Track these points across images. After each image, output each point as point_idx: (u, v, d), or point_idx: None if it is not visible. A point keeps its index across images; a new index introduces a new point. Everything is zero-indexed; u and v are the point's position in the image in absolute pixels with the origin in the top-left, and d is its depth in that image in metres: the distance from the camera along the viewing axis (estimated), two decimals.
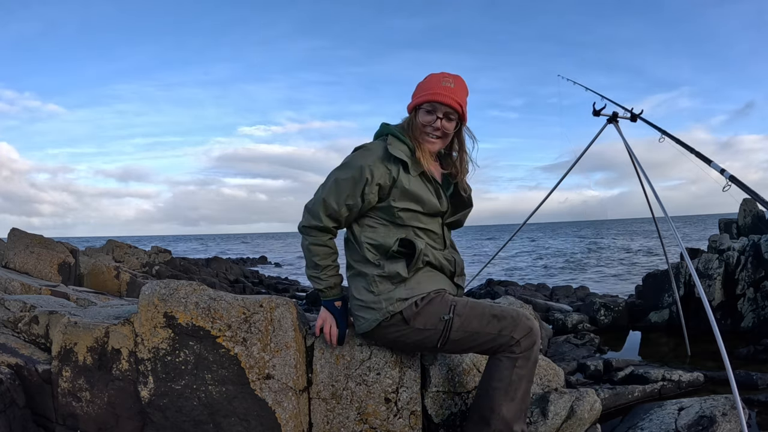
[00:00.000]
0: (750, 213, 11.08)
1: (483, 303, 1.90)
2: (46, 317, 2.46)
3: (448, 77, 1.90)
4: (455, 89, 1.89)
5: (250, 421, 1.96)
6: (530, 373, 1.83)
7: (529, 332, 1.80)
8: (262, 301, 2.04)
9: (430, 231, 1.91)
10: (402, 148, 1.86)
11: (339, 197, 1.83)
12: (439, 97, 1.85)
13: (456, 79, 1.91)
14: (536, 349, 1.83)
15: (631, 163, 3.87)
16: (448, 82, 1.89)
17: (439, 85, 1.88)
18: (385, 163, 1.83)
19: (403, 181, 1.83)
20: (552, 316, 5.89)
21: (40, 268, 6.15)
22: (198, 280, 5.46)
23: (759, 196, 2.31)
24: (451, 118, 1.90)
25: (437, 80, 1.90)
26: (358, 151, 1.90)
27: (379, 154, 1.84)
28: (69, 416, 2.06)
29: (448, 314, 1.80)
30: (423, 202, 1.87)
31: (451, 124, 1.91)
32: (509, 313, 1.83)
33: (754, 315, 4.87)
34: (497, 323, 1.80)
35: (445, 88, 1.87)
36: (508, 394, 1.78)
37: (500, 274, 15.56)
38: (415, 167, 1.86)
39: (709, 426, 2.24)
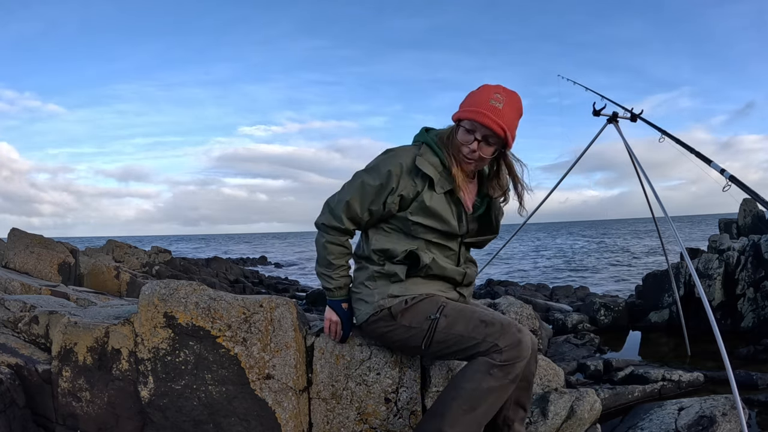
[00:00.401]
0: (750, 213, 11.08)
1: (475, 308, 1.81)
2: (46, 317, 2.46)
3: (499, 95, 1.72)
4: (503, 111, 1.70)
5: (250, 421, 1.96)
6: (503, 390, 1.65)
7: (516, 344, 1.65)
8: (262, 301, 2.04)
9: (443, 246, 1.85)
10: (433, 161, 1.77)
11: (363, 202, 1.78)
12: (480, 117, 1.69)
13: (509, 98, 1.73)
14: (519, 367, 1.65)
15: (631, 163, 3.88)
16: (498, 101, 1.71)
17: (486, 104, 1.70)
18: (412, 175, 1.75)
19: (425, 197, 1.76)
20: (552, 316, 5.89)
21: (40, 268, 6.15)
22: (198, 280, 5.46)
23: (759, 196, 2.31)
24: (490, 142, 1.73)
25: (486, 96, 1.72)
26: (387, 156, 1.80)
27: (407, 164, 1.75)
28: (69, 416, 2.06)
29: (435, 314, 1.76)
30: (441, 221, 1.79)
31: (489, 149, 1.75)
32: (499, 321, 1.71)
33: (754, 315, 4.87)
34: (484, 329, 1.70)
35: (491, 108, 1.69)
36: (467, 401, 1.64)
37: (500, 274, 15.56)
38: (442, 184, 1.77)
39: (709, 426, 2.24)
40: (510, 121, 1.73)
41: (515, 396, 1.83)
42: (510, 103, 1.73)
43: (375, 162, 1.81)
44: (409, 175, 1.75)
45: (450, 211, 1.79)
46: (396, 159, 1.77)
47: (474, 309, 1.79)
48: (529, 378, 1.86)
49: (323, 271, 1.89)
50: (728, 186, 2.49)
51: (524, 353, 1.66)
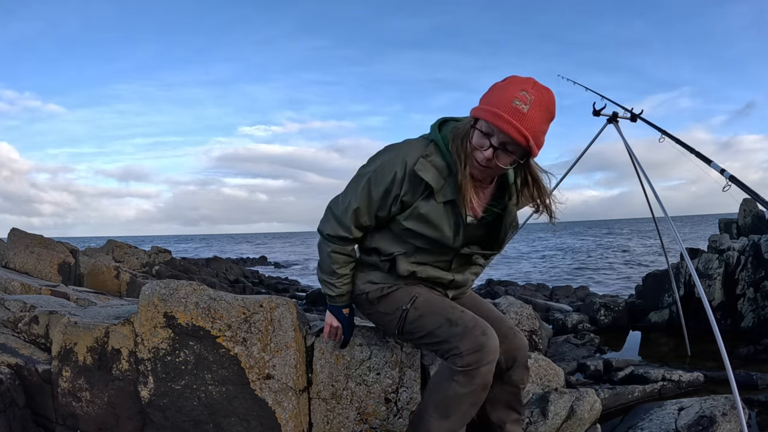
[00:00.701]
0: (750, 213, 11.08)
1: (446, 305, 1.71)
2: (46, 317, 2.46)
3: (527, 93, 1.45)
4: (528, 115, 1.45)
5: (250, 421, 1.96)
6: (474, 395, 1.59)
7: (477, 348, 1.55)
8: (262, 301, 2.04)
9: (434, 252, 1.72)
10: (439, 165, 1.58)
11: (370, 209, 1.66)
12: (499, 121, 1.45)
13: (538, 97, 1.47)
14: (484, 372, 1.56)
15: (631, 163, 3.88)
16: (523, 101, 1.45)
17: (508, 104, 1.45)
18: (413, 178, 1.59)
19: (420, 205, 1.60)
20: (552, 316, 5.89)
21: (40, 268, 6.15)
22: (198, 280, 5.46)
23: (759, 196, 2.31)
24: (509, 149, 1.49)
25: (510, 94, 1.46)
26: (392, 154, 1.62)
27: (410, 165, 1.58)
28: (69, 416, 2.06)
29: (406, 305, 1.72)
30: (434, 230, 1.63)
31: (506, 159, 1.51)
32: (464, 322, 1.62)
33: (754, 315, 4.87)
34: (448, 328, 1.62)
35: (514, 110, 1.44)
36: (438, 410, 1.61)
37: (500, 274, 15.57)
38: (444, 192, 1.59)
39: (709, 426, 2.24)
40: (536, 126, 1.47)
41: (505, 400, 1.82)
42: (539, 103, 1.47)
43: (380, 162, 1.63)
44: (411, 179, 1.59)
45: (446, 222, 1.62)
46: (400, 159, 1.59)
47: (445, 305, 1.71)
48: (517, 385, 1.82)
49: (326, 278, 1.81)
50: (728, 186, 2.49)
51: (487, 357, 1.56)
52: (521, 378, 1.83)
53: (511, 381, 1.81)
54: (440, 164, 1.58)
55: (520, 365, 1.81)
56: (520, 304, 4.14)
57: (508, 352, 1.77)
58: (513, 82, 1.50)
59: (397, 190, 1.60)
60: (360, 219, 1.68)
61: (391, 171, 1.60)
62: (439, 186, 1.58)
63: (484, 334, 1.58)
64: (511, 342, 1.78)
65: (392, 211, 1.64)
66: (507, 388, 1.81)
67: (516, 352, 1.79)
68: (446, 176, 1.58)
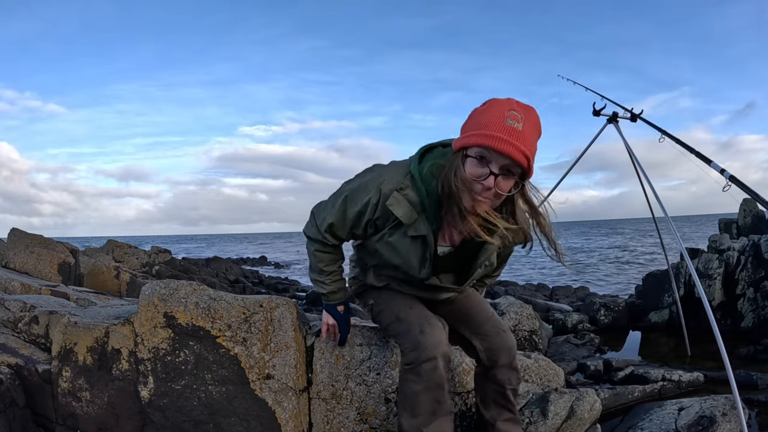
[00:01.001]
0: (750, 213, 11.08)
1: (403, 301, 1.73)
2: (46, 317, 2.46)
3: (516, 112, 1.37)
4: (523, 133, 1.36)
5: (250, 421, 1.96)
6: (429, 392, 1.60)
7: (414, 347, 1.59)
8: (262, 301, 2.04)
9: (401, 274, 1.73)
10: (411, 199, 1.51)
11: (345, 225, 1.66)
12: (498, 144, 1.34)
13: (527, 114, 1.39)
14: (427, 369, 1.57)
15: (631, 163, 3.88)
16: (516, 119, 1.36)
17: (501, 124, 1.35)
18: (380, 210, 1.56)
19: (389, 233, 1.59)
20: (552, 316, 5.89)
21: (40, 268, 6.15)
22: (198, 280, 5.46)
23: (759, 196, 2.31)
24: (510, 172, 1.39)
25: (500, 114, 1.37)
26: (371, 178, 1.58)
27: (384, 195, 1.53)
28: (69, 416, 2.06)
29: (370, 300, 1.85)
30: (401, 259, 1.62)
31: (507, 184, 1.41)
32: (409, 320, 1.65)
33: (754, 315, 4.87)
34: (396, 326, 1.68)
35: (509, 130, 1.34)
36: (405, 408, 1.65)
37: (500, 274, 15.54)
38: (417, 228, 1.53)
39: (709, 426, 2.24)
40: (532, 146, 1.39)
41: (493, 398, 1.83)
42: (529, 121, 1.38)
43: (359, 182, 1.61)
44: (383, 208, 1.54)
45: (413, 254, 1.59)
46: (376, 185, 1.54)
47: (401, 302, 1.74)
48: (503, 384, 1.80)
49: (316, 277, 1.84)
50: (728, 186, 2.49)
51: (425, 354, 1.56)
52: (507, 378, 1.80)
53: (496, 380, 1.80)
54: (414, 199, 1.52)
55: (504, 365, 1.79)
56: (520, 304, 4.14)
57: (490, 352, 1.79)
58: (497, 103, 1.42)
59: (370, 214, 1.57)
60: (336, 232, 1.69)
61: (366, 195, 1.56)
62: (411, 221, 1.53)
63: (422, 332, 1.59)
64: (492, 341, 1.79)
65: (368, 231, 1.64)
66: (493, 387, 1.82)
67: (498, 353, 1.78)
68: (419, 211, 1.53)
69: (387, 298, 1.80)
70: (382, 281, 1.81)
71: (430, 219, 1.53)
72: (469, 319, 1.84)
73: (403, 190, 1.53)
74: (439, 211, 1.51)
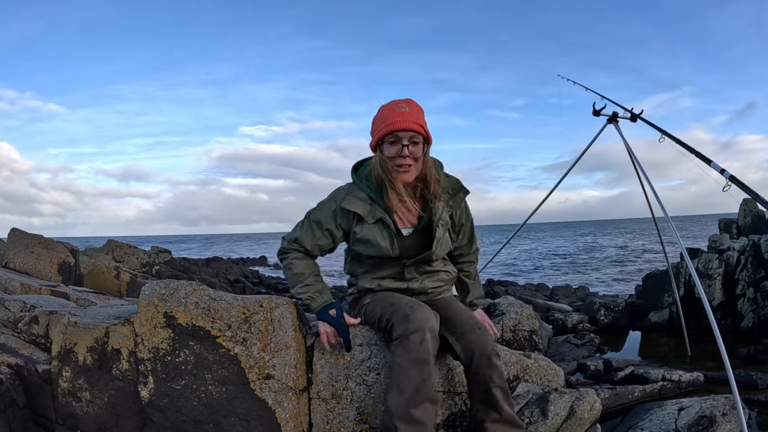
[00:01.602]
0: (750, 213, 11.09)
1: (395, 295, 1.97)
2: (46, 317, 2.46)
3: (400, 103, 1.89)
4: (411, 112, 1.87)
5: (250, 421, 1.96)
6: (416, 367, 1.73)
7: (403, 319, 1.79)
8: (262, 301, 2.04)
9: (385, 268, 2.01)
10: (361, 197, 1.95)
11: (312, 237, 2.02)
12: (398, 124, 1.84)
13: (409, 103, 1.91)
14: (414, 341, 1.75)
15: (631, 163, 3.88)
16: (402, 107, 1.87)
17: (394, 113, 1.86)
18: (340, 215, 1.98)
19: (357, 230, 1.96)
20: (552, 316, 5.89)
21: (40, 268, 6.15)
22: (198, 280, 5.46)
23: (759, 196, 2.31)
24: (416, 141, 1.88)
25: (390, 109, 1.89)
26: (330, 197, 2.02)
27: (339, 203, 1.97)
28: (69, 416, 2.06)
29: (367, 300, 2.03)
30: (374, 247, 1.95)
31: (418, 148, 1.89)
32: (401, 302, 1.88)
33: (754, 315, 4.87)
34: (389, 309, 1.88)
35: (400, 114, 1.85)
36: (394, 386, 1.77)
37: (500, 274, 15.56)
38: (373, 214, 1.93)
39: (709, 426, 2.24)
40: (421, 119, 1.89)
41: (479, 396, 1.89)
42: (413, 105, 1.89)
43: (320, 203, 2.04)
44: (342, 212, 1.97)
45: (382, 237, 1.94)
46: (334, 200, 1.99)
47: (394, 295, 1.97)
48: (485, 381, 1.86)
49: (297, 288, 2.02)
50: (728, 186, 2.49)
51: (412, 326, 1.76)
52: (488, 375, 1.86)
53: (477, 377, 1.88)
54: (362, 195, 1.96)
55: (480, 360, 1.86)
56: (520, 304, 4.14)
57: (466, 349, 1.89)
58: (385, 104, 1.93)
59: (332, 223, 1.98)
60: (303, 244, 2.02)
61: (327, 207, 2.00)
62: (366, 211, 1.93)
63: (411, 307, 1.84)
64: (467, 338, 1.89)
65: (334, 236, 2.01)
66: (476, 384, 1.89)
67: (472, 347, 1.87)
68: (370, 202, 1.94)
69: (381, 295, 2.00)
70: (373, 282, 2.03)
71: (380, 205, 1.93)
72: (448, 321, 1.96)
73: (352, 193, 1.97)
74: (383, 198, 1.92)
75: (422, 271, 2.03)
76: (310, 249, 2.03)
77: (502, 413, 1.86)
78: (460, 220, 2.08)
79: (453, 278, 2.16)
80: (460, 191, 2.03)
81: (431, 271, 2.05)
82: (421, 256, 1.98)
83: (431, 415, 1.76)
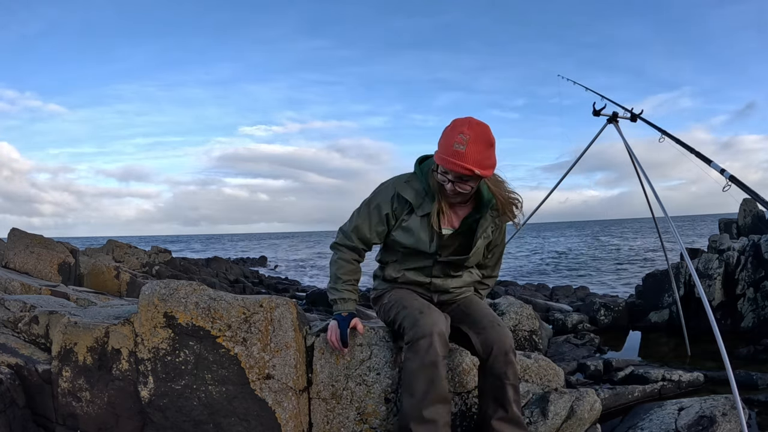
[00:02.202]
0: (750, 213, 11.09)
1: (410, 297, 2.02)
2: (46, 317, 2.46)
3: (462, 137, 1.78)
4: (467, 153, 1.77)
5: (250, 421, 1.96)
6: (425, 371, 1.79)
7: (412, 324, 1.85)
8: (262, 301, 2.04)
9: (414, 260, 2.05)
10: (416, 188, 1.97)
11: (370, 224, 2.03)
12: (448, 165, 1.80)
13: (474, 134, 1.79)
14: (423, 345, 1.80)
15: (631, 163, 3.88)
16: (461, 143, 1.78)
17: (450, 149, 1.79)
18: (397, 200, 2.00)
19: (405, 218, 2.00)
20: (552, 316, 5.89)
21: (40, 268, 6.15)
22: (198, 280, 5.46)
23: (759, 196, 2.31)
24: (465, 179, 1.84)
25: (451, 140, 1.80)
26: (386, 184, 2.05)
27: (397, 188, 2.00)
28: (69, 416, 2.06)
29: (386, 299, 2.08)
30: (414, 239, 1.99)
31: (466, 185, 1.87)
32: (412, 306, 1.93)
33: (754, 315, 4.87)
34: (401, 312, 1.95)
35: (455, 153, 1.78)
36: (406, 390, 1.84)
37: (500, 274, 15.55)
38: (423, 207, 1.96)
39: (709, 426, 2.24)
40: (478, 157, 1.80)
41: (490, 392, 1.92)
42: (475, 140, 1.79)
43: (377, 190, 2.06)
44: (398, 198, 1.99)
45: (424, 231, 1.98)
46: (391, 185, 2.02)
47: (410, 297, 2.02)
48: (499, 377, 1.89)
49: (332, 285, 2.06)
50: (728, 186, 2.49)
51: (421, 332, 1.82)
52: (503, 371, 1.89)
53: (493, 372, 1.91)
54: (418, 187, 1.98)
55: (498, 356, 1.89)
56: (520, 304, 4.15)
57: (485, 343, 1.92)
58: (454, 127, 1.83)
59: (388, 207, 2.00)
60: (361, 232, 2.04)
61: (385, 194, 2.02)
62: (418, 203, 1.97)
63: (421, 313, 1.88)
64: (487, 333, 1.93)
65: (390, 224, 2.02)
66: (489, 379, 1.92)
67: (492, 343, 1.91)
68: (423, 196, 1.97)
69: (398, 295, 2.05)
70: (398, 272, 2.08)
71: (431, 202, 1.96)
72: (468, 316, 2.02)
73: (409, 182, 2.00)
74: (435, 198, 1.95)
75: (447, 273, 2.08)
76: (369, 239, 2.05)
77: (509, 412, 1.90)
78: (495, 240, 2.11)
79: (475, 281, 2.19)
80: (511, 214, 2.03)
81: (456, 275, 2.10)
82: (456, 257, 2.03)
83: (443, 414, 1.83)
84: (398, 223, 2.01)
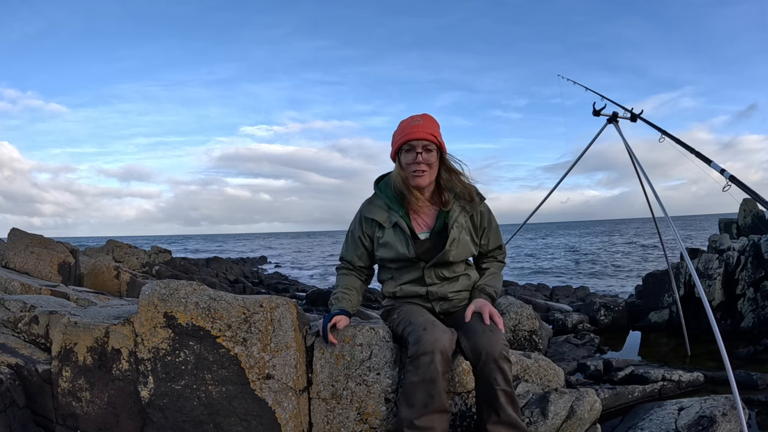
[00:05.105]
0: (750, 213, 11.08)
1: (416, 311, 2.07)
2: (46, 317, 2.46)
3: (415, 117, 2.10)
4: (424, 124, 2.07)
5: (250, 421, 1.96)
6: (425, 385, 1.83)
7: (416, 341, 1.87)
8: (262, 301, 2.04)
9: (409, 271, 2.15)
10: (379, 204, 2.16)
11: (351, 250, 2.25)
12: (412, 135, 2.04)
13: (424, 117, 2.11)
14: (424, 361, 1.83)
15: (631, 163, 3.88)
16: (416, 121, 2.08)
17: (409, 126, 2.07)
18: (364, 222, 2.19)
19: (378, 235, 2.16)
20: (552, 316, 5.89)
21: (40, 268, 6.15)
22: (198, 280, 5.46)
23: (759, 196, 2.31)
24: (429, 149, 2.07)
25: (406, 123, 2.09)
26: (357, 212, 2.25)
27: (359, 216, 2.21)
28: (69, 416, 2.06)
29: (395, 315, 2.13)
30: (392, 250, 2.12)
31: (431, 155, 2.07)
32: (417, 322, 1.96)
33: (754, 315, 4.87)
34: (408, 327, 1.98)
35: (414, 126, 2.06)
36: (405, 400, 1.87)
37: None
38: (390, 220, 2.12)
39: (709, 426, 2.24)
40: (435, 130, 2.08)
41: (483, 397, 1.92)
42: (427, 119, 2.10)
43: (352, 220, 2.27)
44: (366, 220, 2.19)
45: (399, 241, 2.10)
46: (360, 211, 2.23)
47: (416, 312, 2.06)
48: (489, 382, 1.88)
49: (333, 291, 2.22)
50: (728, 186, 2.50)
51: (423, 348, 1.85)
52: (493, 377, 1.87)
53: (482, 377, 1.90)
54: (381, 203, 2.17)
55: (487, 362, 1.88)
56: (520, 304, 4.15)
57: (475, 349, 1.92)
58: (403, 120, 2.13)
59: (359, 231, 2.21)
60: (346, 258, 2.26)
61: (355, 220, 2.25)
62: (384, 217, 2.13)
63: (424, 329, 1.90)
64: (477, 338, 1.93)
65: (366, 246, 2.21)
66: (480, 385, 1.92)
67: (481, 349, 1.89)
68: (387, 209, 2.14)
69: (406, 311, 2.10)
70: (396, 287, 2.18)
71: (397, 211, 2.12)
72: (464, 323, 2.03)
73: (372, 202, 2.20)
74: (401, 204, 2.13)
75: (442, 277, 2.13)
76: (355, 261, 2.23)
77: (501, 416, 1.87)
78: (482, 225, 2.20)
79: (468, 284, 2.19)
80: (475, 198, 2.16)
81: (451, 277, 2.14)
82: (437, 256, 2.08)
83: (440, 422, 1.85)
84: (375, 242, 2.18)
